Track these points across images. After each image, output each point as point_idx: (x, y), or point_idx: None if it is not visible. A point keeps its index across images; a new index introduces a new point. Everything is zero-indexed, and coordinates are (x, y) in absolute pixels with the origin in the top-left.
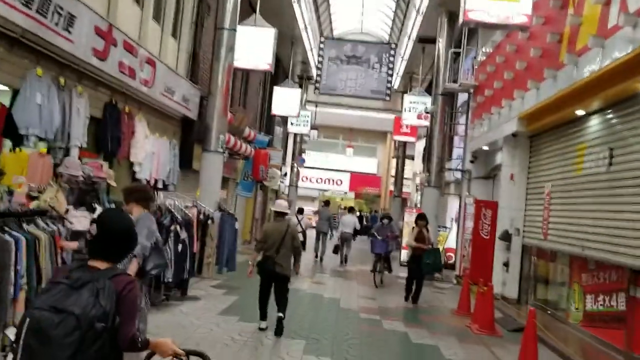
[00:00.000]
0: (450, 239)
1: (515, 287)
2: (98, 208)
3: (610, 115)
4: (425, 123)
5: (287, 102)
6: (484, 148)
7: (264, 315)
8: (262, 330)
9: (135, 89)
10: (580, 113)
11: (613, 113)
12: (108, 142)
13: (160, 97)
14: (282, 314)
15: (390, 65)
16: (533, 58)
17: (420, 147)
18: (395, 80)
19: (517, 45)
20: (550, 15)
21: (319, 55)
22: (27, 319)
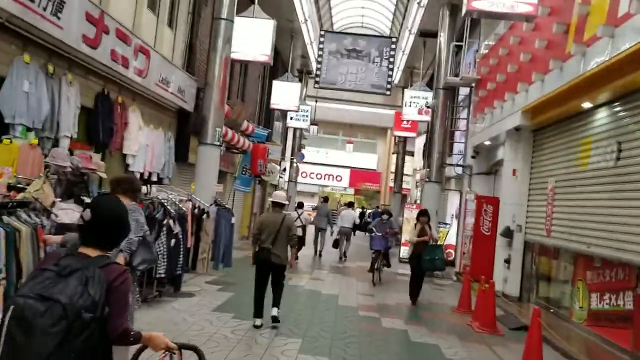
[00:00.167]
0: (450, 236)
1: (517, 284)
2: (87, 200)
3: (619, 108)
4: (426, 118)
5: (286, 96)
6: (486, 143)
7: (260, 312)
8: (257, 328)
9: (129, 79)
10: (587, 106)
11: (621, 106)
12: (100, 132)
13: (155, 87)
14: (276, 314)
15: (391, 60)
16: (538, 49)
17: (420, 143)
18: (396, 75)
19: (521, 37)
20: (557, 4)
21: (319, 49)
22: (10, 307)
